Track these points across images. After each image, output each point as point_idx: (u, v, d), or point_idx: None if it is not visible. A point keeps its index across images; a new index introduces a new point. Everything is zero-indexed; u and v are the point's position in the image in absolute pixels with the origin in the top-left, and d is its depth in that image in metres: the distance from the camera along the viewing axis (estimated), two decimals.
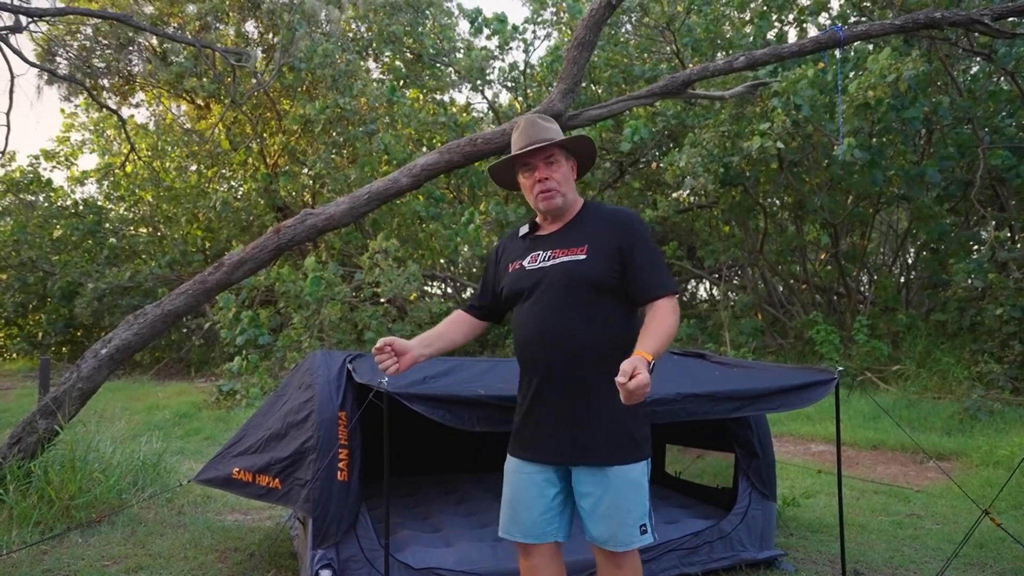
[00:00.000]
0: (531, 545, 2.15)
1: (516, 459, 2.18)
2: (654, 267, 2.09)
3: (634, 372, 1.74)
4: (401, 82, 13.27)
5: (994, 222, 9.12)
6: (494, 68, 13.48)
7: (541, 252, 2.17)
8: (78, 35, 13.55)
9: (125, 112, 15.47)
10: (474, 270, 14.52)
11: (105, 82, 14.61)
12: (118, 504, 4.10)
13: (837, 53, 7.22)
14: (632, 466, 2.05)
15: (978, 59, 9.81)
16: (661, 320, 2.01)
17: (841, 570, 3.21)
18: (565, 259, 2.11)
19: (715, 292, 14.39)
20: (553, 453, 2.09)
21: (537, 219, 2.28)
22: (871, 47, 9.36)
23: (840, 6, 10.47)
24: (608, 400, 1.98)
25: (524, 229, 2.29)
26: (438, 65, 13.58)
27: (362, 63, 13.73)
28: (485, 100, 13.88)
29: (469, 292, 14.49)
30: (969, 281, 8.57)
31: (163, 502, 4.46)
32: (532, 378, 2.14)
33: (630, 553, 2.08)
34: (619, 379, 1.74)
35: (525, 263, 2.19)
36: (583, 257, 2.09)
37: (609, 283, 2.09)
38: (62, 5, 9.54)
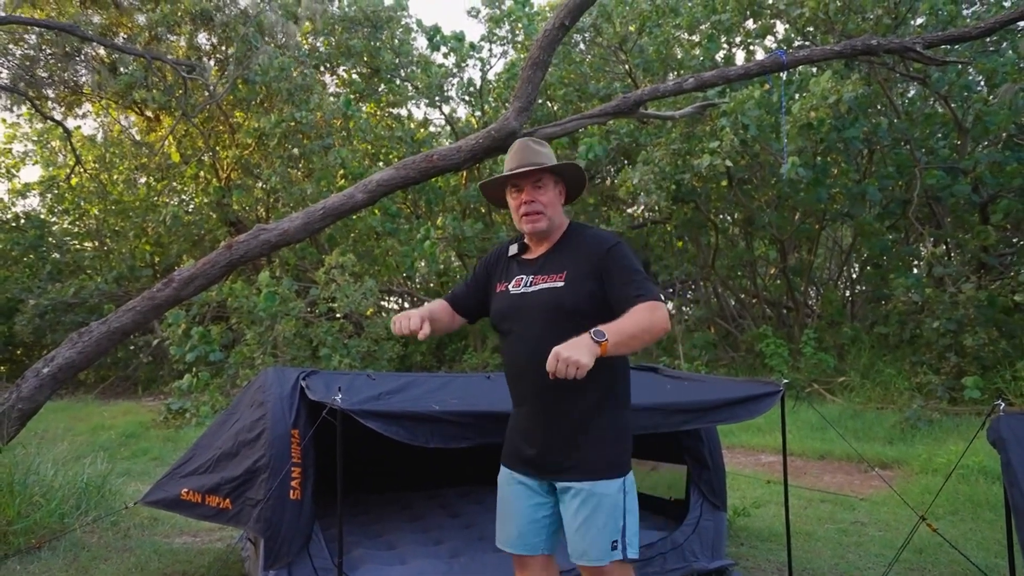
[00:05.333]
0: (525, 557, 2.21)
1: (507, 469, 2.26)
2: (631, 283, 2.07)
3: (557, 355, 1.78)
4: (357, 95, 13.20)
5: (931, 239, 9.51)
6: (452, 84, 13.55)
7: (524, 276, 2.22)
8: (22, 43, 13.12)
9: (71, 123, 15.02)
10: (431, 285, 14.46)
11: (50, 92, 14.15)
12: (60, 528, 3.95)
13: (782, 75, 7.50)
14: (607, 482, 2.08)
15: (914, 83, 10.28)
16: (631, 314, 1.98)
17: None
18: (544, 286, 2.16)
19: (669, 306, 14.64)
20: (537, 467, 2.17)
21: (525, 239, 2.31)
22: (814, 70, 9.73)
23: (785, 30, 10.87)
24: (586, 421, 2.10)
25: (513, 248, 2.32)
26: (396, 81, 13.58)
27: (319, 77, 13.64)
28: (443, 116, 13.92)
29: None
30: (908, 295, 8.90)
31: (108, 525, 4.30)
32: (519, 398, 2.24)
33: (613, 569, 2.08)
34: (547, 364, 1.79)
35: (510, 286, 2.25)
36: (561, 284, 2.13)
37: (587, 309, 2.08)
38: (4, 13, 9.26)
